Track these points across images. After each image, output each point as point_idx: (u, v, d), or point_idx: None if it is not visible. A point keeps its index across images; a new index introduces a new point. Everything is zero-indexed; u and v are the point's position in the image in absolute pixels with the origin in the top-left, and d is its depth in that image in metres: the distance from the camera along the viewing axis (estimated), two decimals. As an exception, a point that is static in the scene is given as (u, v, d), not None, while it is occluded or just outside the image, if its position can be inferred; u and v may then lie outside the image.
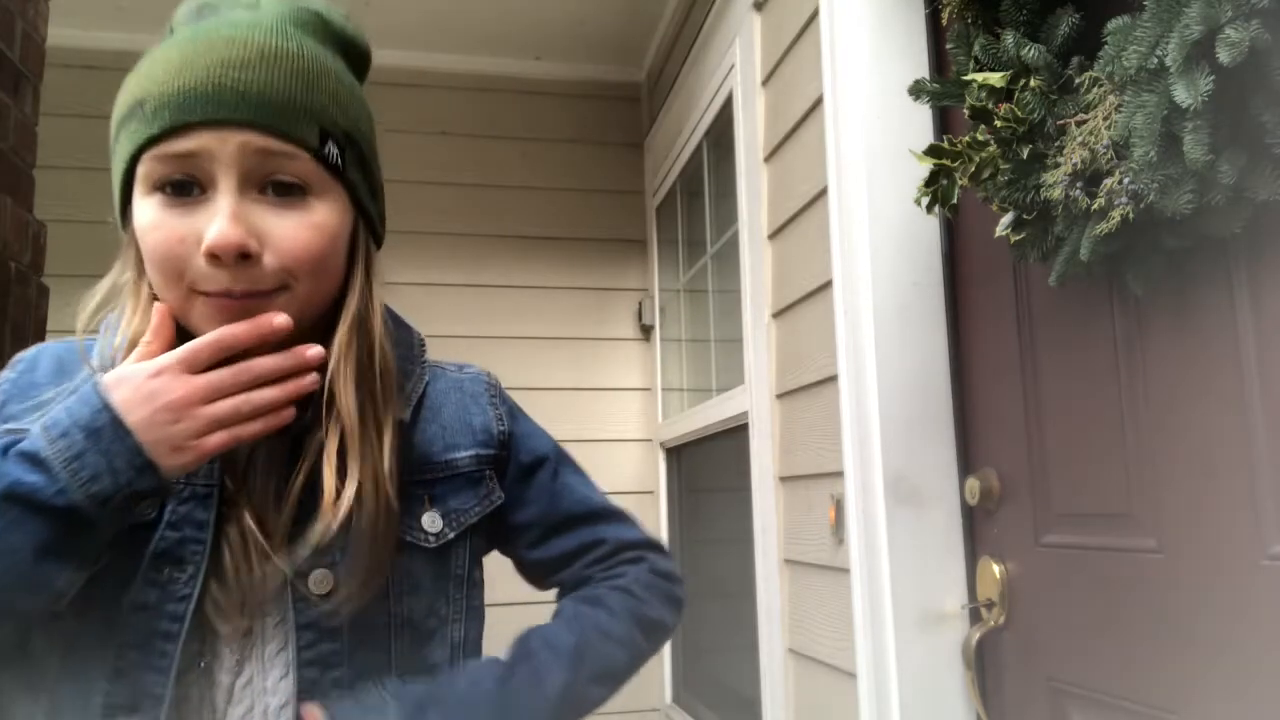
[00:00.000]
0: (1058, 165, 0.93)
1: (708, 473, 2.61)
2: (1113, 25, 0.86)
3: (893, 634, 1.34)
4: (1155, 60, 0.80)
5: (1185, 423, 0.97)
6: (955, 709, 1.33)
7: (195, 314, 0.71)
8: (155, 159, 0.69)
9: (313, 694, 0.73)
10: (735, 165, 2.10)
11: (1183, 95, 0.77)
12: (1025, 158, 0.98)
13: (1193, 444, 0.96)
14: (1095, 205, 0.88)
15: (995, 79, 1.02)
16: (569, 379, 2.88)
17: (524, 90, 3.03)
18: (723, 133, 2.29)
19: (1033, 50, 0.98)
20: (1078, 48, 0.98)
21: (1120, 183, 0.85)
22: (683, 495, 2.82)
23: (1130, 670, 1.04)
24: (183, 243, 0.69)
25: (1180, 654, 0.97)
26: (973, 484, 1.32)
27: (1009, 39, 1.01)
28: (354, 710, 0.72)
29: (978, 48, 1.05)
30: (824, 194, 1.57)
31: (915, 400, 1.39)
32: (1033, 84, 0.98)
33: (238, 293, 0.69)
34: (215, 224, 0.68)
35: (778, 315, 1.85)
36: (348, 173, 0.74)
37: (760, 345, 1.91)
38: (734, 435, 2.15)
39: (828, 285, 1.55)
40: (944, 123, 1.42)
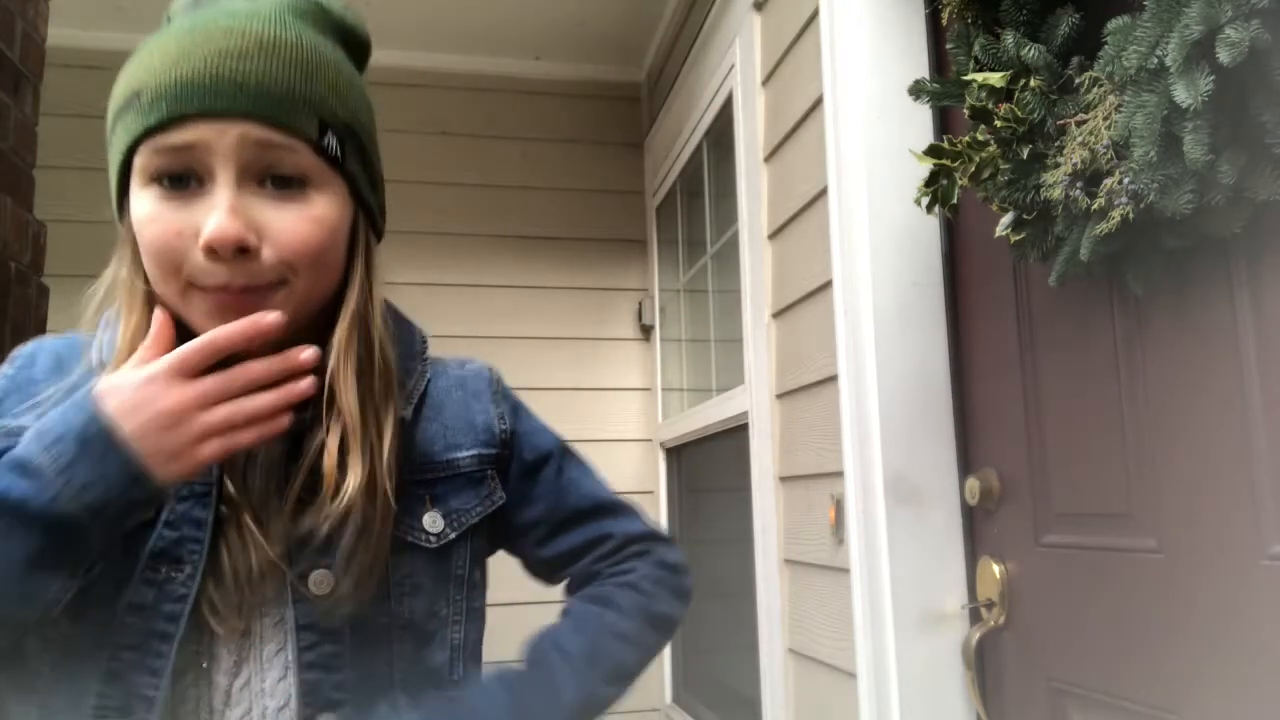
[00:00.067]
0: (1058, 165, 0.93)
1: (708, 473, 2.61)
2: (1113, 25, 0.86)
3: (893, 634, 1.34)
4: (1155, 60, 0.80)
5: (1185, 423, 0.97)
6: (955, 709, 1.33)
7: (193, 309, 0.70)
8: (152, 151, 0.68)
9: (314, 697, 0.73)
10: (735, 165, 2.10)
11: (1183, 95, 0.77)
12: (1025, 158, 0.98)
13: (1193, 444, 0.96)
14: (1095, 205, 0.88)
15: (995, 79, 1.02)
16: (569, 379, 2.88)
17: (524, 90, 3.03)
18: (723, 133, 2.29)
19: (1033, 50, 0.98)
20: (1078, 48, 0.98)
21: (1120, 183, 0.85)
22: (683, 495, 2.82)
23: (1130, 670, 1.04)
24: (180, 236, 0.68)
25: (1180, 654, 0.97)
26: (973, 484, 1.32)
27: (1009, 39, 1.01)
28: None
29: (978, 48, 1.05)
30: (824, 194, 1.57)
31: (915, 400, 1.39)
32: (1033, 84, 0.98)
33: (236, 287, 0.68)
34: (213, 217, 0.67)
35: (778, 315, 1.85)
36: (347, 164, 0.73)
37: (760, 345, 1.91)
38: (734, 435, 2.15)
39: (828, 285, 1.55)
40: (944, 123, 1.42)
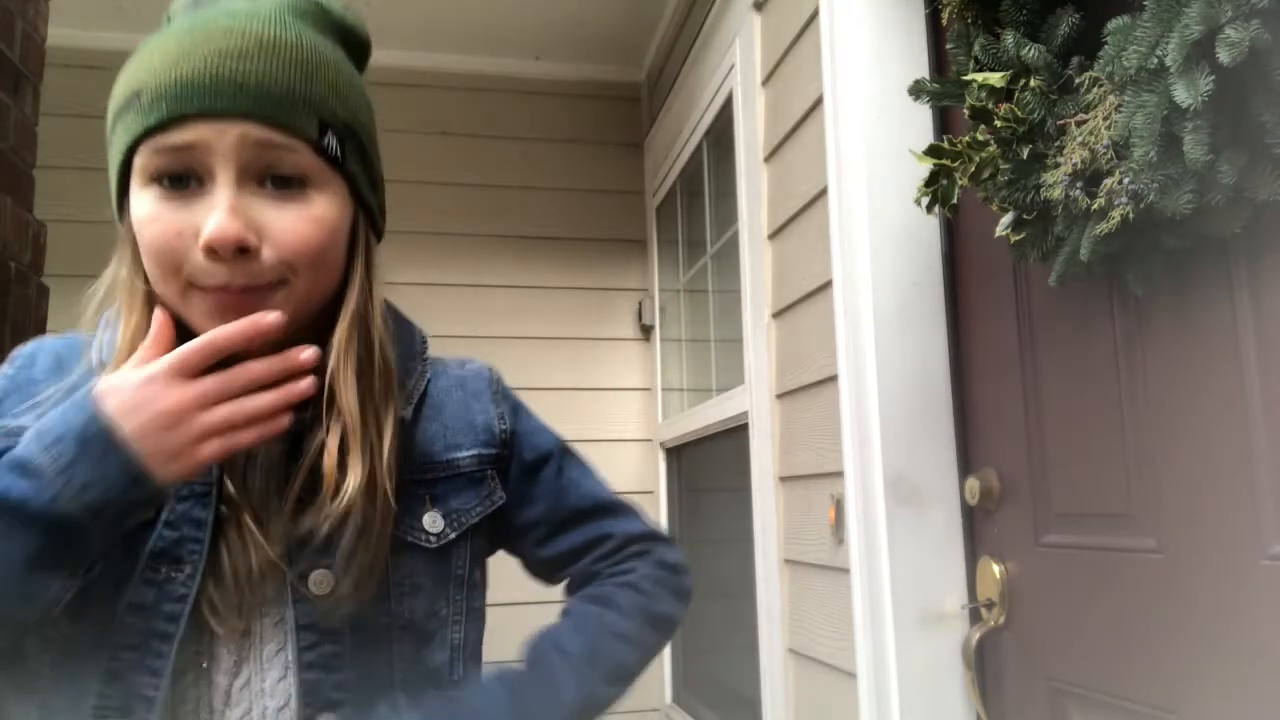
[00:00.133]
0: (1058, 165, 0.93)
1: (708, 473, 2.61)
2: (1113, 25, 0.86)
3: (893, 634, 1.34)
4: (1155, 60, 0.80)
5: (1185, 423, 0.97)
6: (955, 709, 1.33)
7: (193, 309, 0.70)
8: (152, 151, 0.68)
9: (314, 697, 0.73)
10: (735, 165, 2.10)
11: (1183, 95, 0.77)
12: (1025, 158, 0.98)
13: (1193, 444, 0.96)
14: (1095, 205, 0.88)
15: (995, 79, 1.02)
16: (569, 379, 2.88)
17: (524, 90, 3.03)
18: (723, 133, 2.29)
19: (1033, 50, 0.98)
20: (1078, 48, 0.98)
21: (1120, 183, 0.85)
22: (683, 495, 2.82)
23: (1130, 670, 1.04)
24: (180, 236, 0.68)
25: (1180, 654, 0.97)
26: (973, 484, 1.32)
27: (1009, 39, 1.01)
28: None
29: (978, 48, 1.05)
30: (824, 194, 1.57)
31: (915, 400, 1.39)
32: (1033, 84, 0.98)
33: (236, 287, 0.68)
34: (213, 218, 0.67)
35: (778, 315, 1.85)
36: (347, 164, 0.73)
37: (760, 345, 1.91)
38: (734, 435, 2.15)
39: (828, 285, 1.55)
40: (944, 123, 1.42)
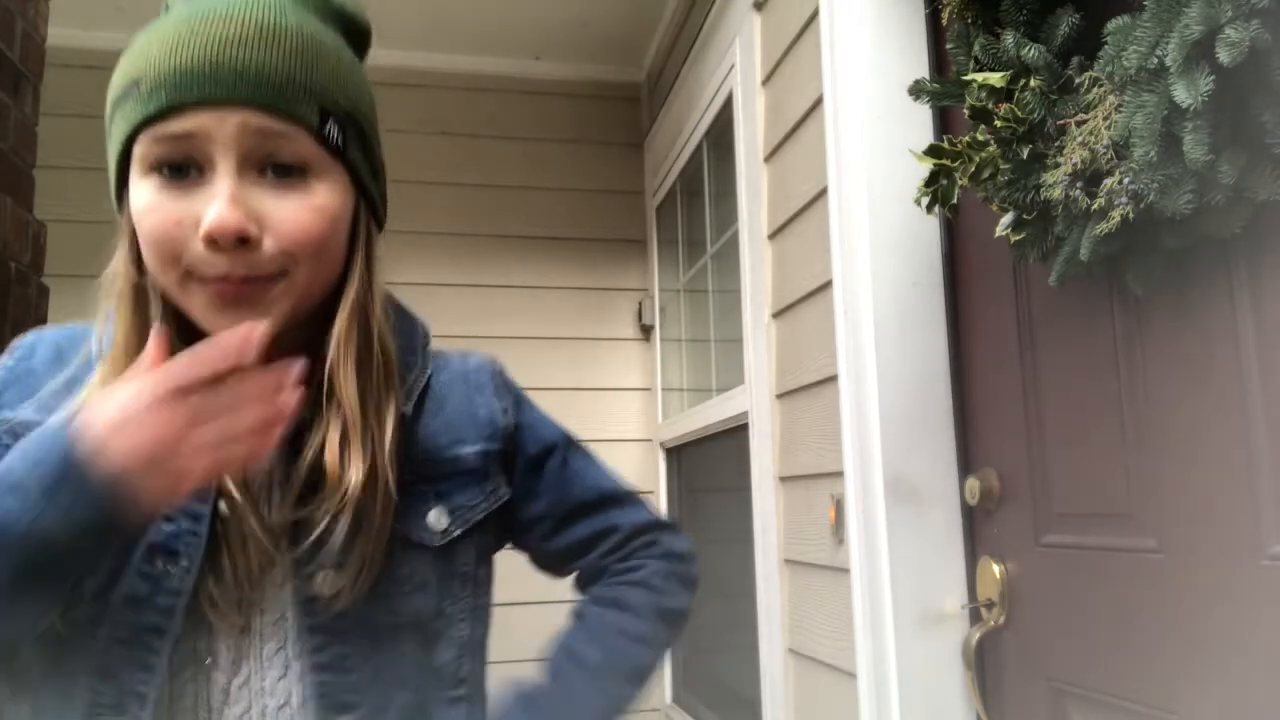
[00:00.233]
0: (1058, 165, 0.93)
1: (708, 473, 2.61)
2: (1113, 25, 0.86)
3: (893, 634, 1.34)
4: (1155, 60, 0.80)
5: (1186, 423, 0.97)
6: (955, 709, 1.33)
7: (192, 299, 0.69)
8: (152, 140, 0.67)
9: (329, 700, 0.72)
10: (735, 165, 2.10)
11: (1183, 95, 0.77)
12: (1025, 158, 0.98)
13: (1193, 444, 0.96)
14: (1095, 205, 0.88)
15: (995, 79, 1.02)
16: (569, 379, 2.88)
17: (524, 90, 3.03)
18: (723, 133, 2.29)
19: (1033, 50, 0.98)
20: (1078, 48, 0.98)
21: (1120, 183, 0.85)
22: (683, 495, 2.82)
23: (1130, 670, 1.04)
24: (179, 226, 0.67)
25: (1180, 654, 0.97)
26: (973, 484, 1.31)
27: (1009, 39, 1.01)
28: None
29: (978, 48, 1.05)
30: (824, 194, 1.57)
31: (915, 400, 1.39)
32: (1033, 84, 0.98)
33: (236, 278, 0.68)
34: (214, 207, 0.66)
35: (778, 315, 1.85)
36: (349, 153, 0.73)
37: (760, 345, 1.91)
38: (734, 435, 2.15)
39: (828, 285, 1.55)
40: (944, 123, 1.42)
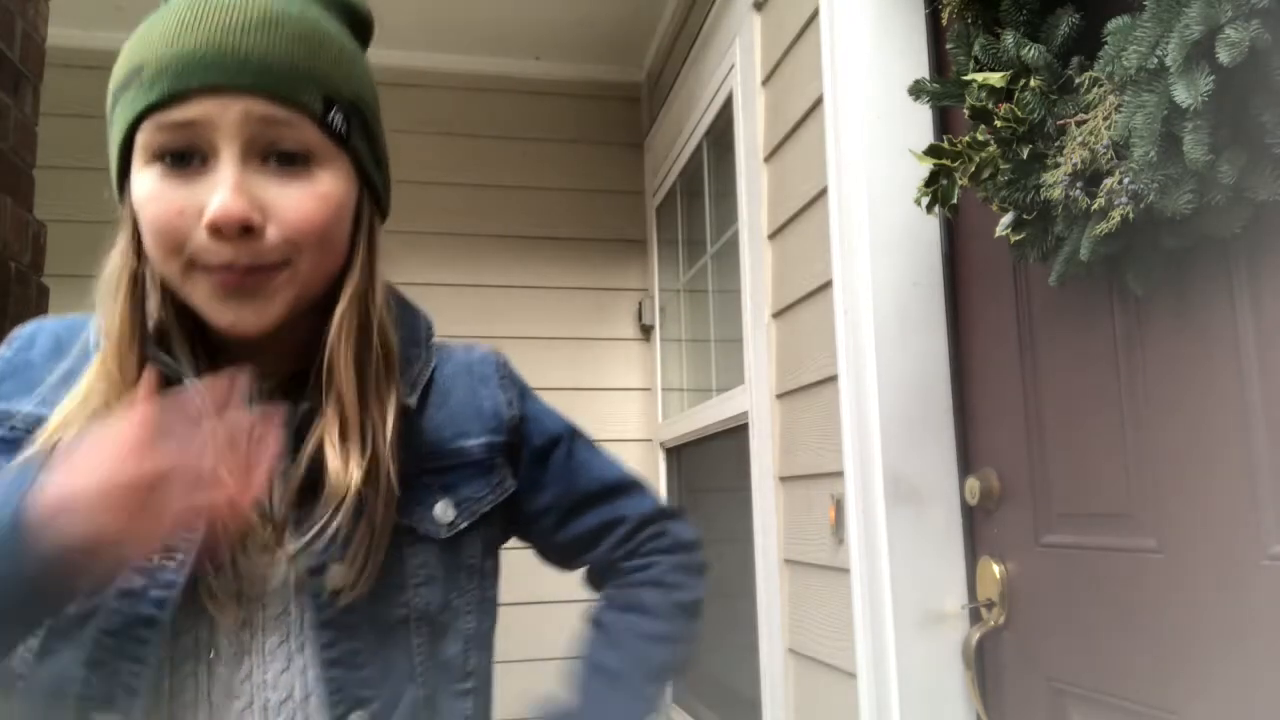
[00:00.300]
0: (1058, 165, 0.93)
1: (708, 473, 2.61)
2: (1113, 25, 0.86)
3: (893, 634, 1.34)
4: (1155, 60, 0.80)
5: (1185, 423, 0.97)
6: (955, 709, 1.33)
7: (195, 288, 0.69)
8: (154, 128, 0.67)
9: (342, 695, 0.72)
10: (735, 165, 2.10)
11: (1183, 95, 0.77)
12: (1025, 158, 0.98)
13: (1193, 444, 0.96)
14: (1095, 205, 0.88)
15: (995, 79, 1.02)
16: (569, 379, 2.88)
17: (524, 90, 3.03)
18: (723, 133, 2.29)
19: (1033, 50, 0.98)
20: (1078, 48, 0.98)
21: (1120, 183, 0.85)
22: (683, 495, 2.82)
23: (1130, 670, 1.04)
24: (182, 215, 0.67)
25: (1180, 654, 0.97)
26: (973, 484, 1.31)
27: (1009, 39, 1.01)
28: None
29: (978, 48, 1.05)
30: (824, 194, 1.57)
31: (915, 400, 1.39)
32: (1033, 84, 0.98)
33: (240, 267, 0.67)
34: (217, 195, 0.66)
35: (778, 315, 1.85)
36: (352, 141, 0.73)
37: (760, 345, 1.91)
38: (734, 435, 2.15)
39: (828, 285, 1.55)
40: (944, 123, 1.42)
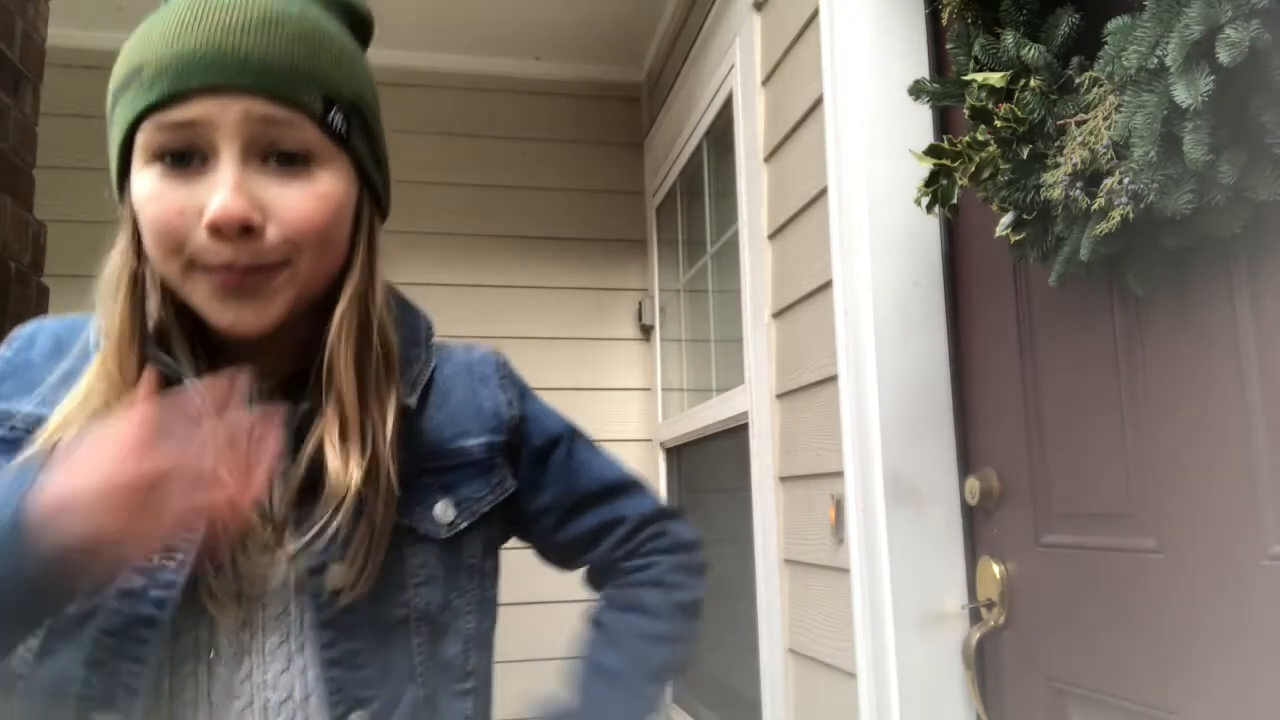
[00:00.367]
0: (1058, 165, 0.93)
1: (708, 473, 2.61)
2: (1113, 25, 0.86)
3: (893, 634, 1.34)
4: (1155, 60, 0.80)
5: (1185, 423, 0.97)
6: (955, 709, 1.33)
7: (195, 288, 0.69)
8: (155, 128, 0.67)
9: (342, 695, 0.72)
10: (735, 165, 2.10)
11: (1183, 95, 0.77)
12: (1025, 158, 0.98)
13: (1193, 444, 0.96)
14: (1095, 205, 0.88)
15: (995, 79, 1.02)
16: (569, 379, 2.88)
17: (524, 90, 3.03)
18: (723, 133, 2.29)
19: (1033, 50, 0.98)
20: (1078, 48, 0.98)
21: (1120, 183, 0.85)
22: (683, 495, 2.82)
23: (1130, 670, 1.04)
24: (182, 215, 0.67)
25: (1180, 654, 0.97)
26: (973, 484, 1.31)
27: (1009, 39, 1.01)
28: None
29: (978, 48, 1.05)
30: (824, 194, 1.57)
31: (915, 400, 1.39)
32: (1033, 84, 0.98)
33: (240, 267, 0.67)
34: (218, 195, 0.66)
35: (778, 315, 1.85)
36: (352, 141, 0.73)
37: (760, 345, 1.91)
38: (734, 435, 2.15)
39: (828, 285, 1.55)
40: (944, 123, 1.42)
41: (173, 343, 0.73)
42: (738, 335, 2.10)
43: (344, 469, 0.71)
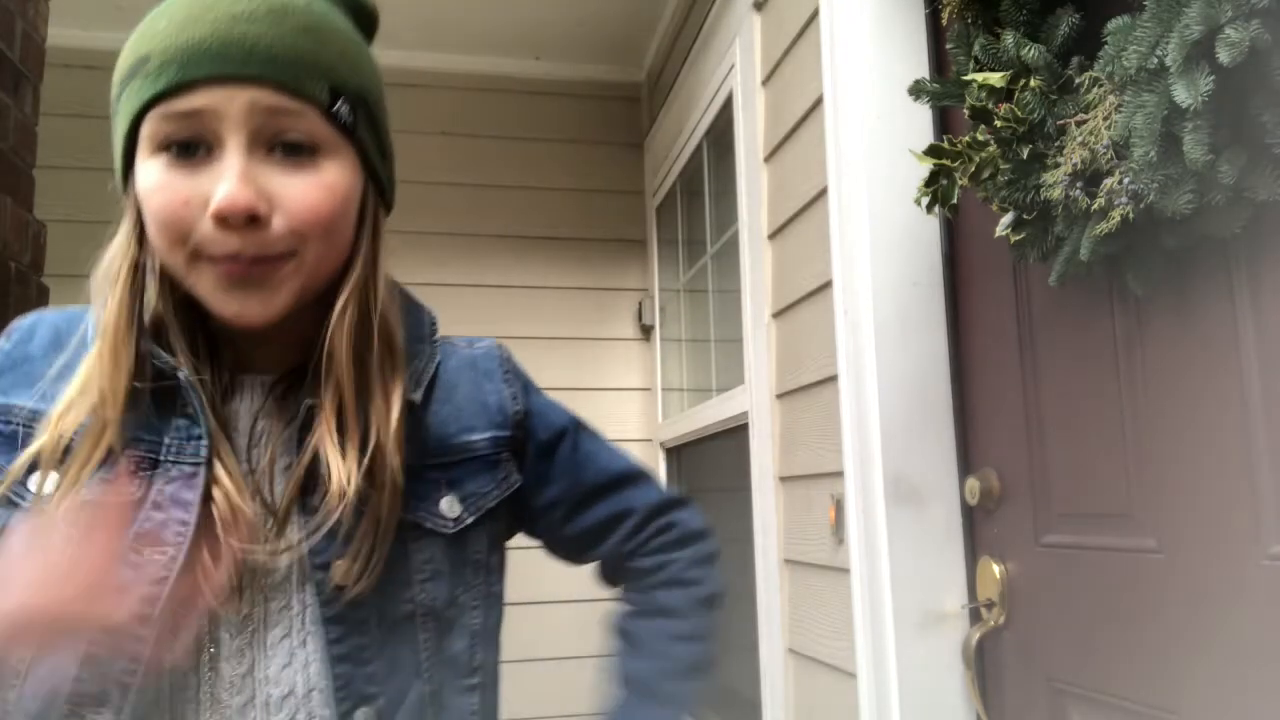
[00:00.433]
0: (1058, 165, 0.93)
1: (708, 473, 2.61)
2: (1113, 25, 0.86)
3: (893, 634, 1.34)
4: (1155, 60, 0.80)
5: (1185, 422, 0.97)
6: (955, 709, 1.33)
7: (201, 279, 0.69)
8: (160, 118, 0.67)
9: (348, 691, 0.72)
10: (735, 165, 2.10)
11: (1183, 95, 0.77)
12: (1025, 158, 0.98)
13: (1193, 444, 0.96)
14: (1095, 205, 0.88)
15: (995, 79, 1.02)
16: (569, 379, 2.88)
17: (524, 90, 3.03)
18: (723, 133, 2.29)
19: (1033, 50, 0.98)
20: (1078, 48, 0.98)
21: (1120, 183, 0.85)
22: (683, 495, 2.82)
23: (1130, 670, 1.04)
24: (188, 205, 0.67)
25: (1180, 654, 0.97)
26: (973, 484, 1.31)
27: (1009, 39, 1.01)
28: None
29: (978, 48, 1.05)
30: (824, 194, 1.57)
31: (915, 400, 1.39)
32: (1033, 84, 0.98)
33: (246, 257, 0.67)
34: (223, 185, 0.66)
35: (778, 315, 1.85)
36: (358, 132, 0.72)
37: (760, 345, 1.91)
38: (734, 435, 2.15)
39: (828, 285, 1.55)
40: (944, 123, 1.42)
41: (169, 336, 0.73)
42: (738, 335, 2.10)
43: (342, 462, 0.71)
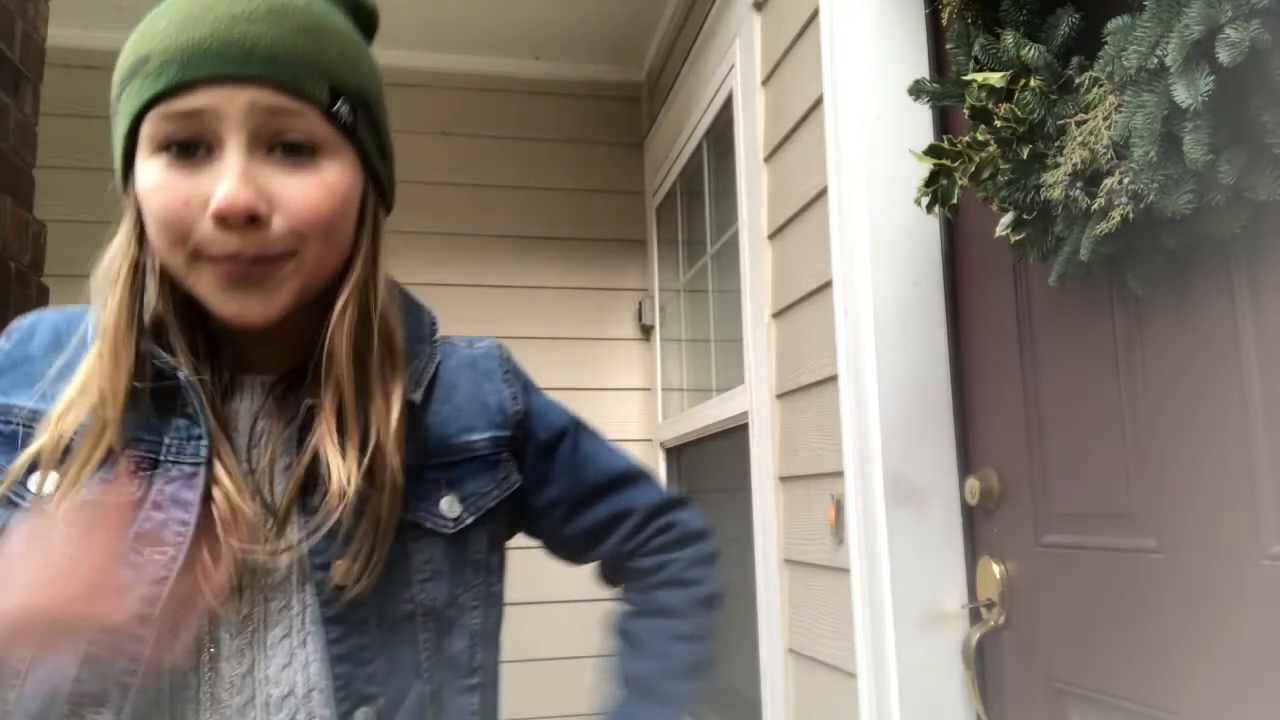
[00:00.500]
0: (1058, 165, 0.93)
1: (708, 473, 2.61)
2: (1113, 25, 0.86)
3: (893, 634, 1.34)
4: (1155, 60, 0.80)
5: (1185, 423, 0.97)
6: (955, 709, 1.33)
7: (201, 279, 0.69)
8: (160, 117, 0.67)
9: (348, 691, 0.72)
10: (735, 165, 2.10)
11: (1183, 95, 0.77)
12: (1025, 158, 0.98)
13: (1193, 444, 0.96)
14: (1095, 205, 0.88)
15: (995, 79, 1.02)
16: (569, 379, 2.88)
17: (524, 90, 3.03)
18: (723, 133, 2.29)
19: (1033, 50, 0.98)
20: (1078, 48, 0.98)
21: (1120, 183, 0.85)
22: (683, 495, 2.82)
23: (1130, 670, 1.04)
24: (188, 205, 0.67)
25: (1180, 654, 0.97)
26: (973, 484, 1.31)
27: (1009, 39, 1.01)
28: None
29: (978, 48, 1.05)
30: (824, 194, 1.57)
31: (915, 400, 1.39)
32: (1033, 84, 0.98)
33: (246, 257, 0.67)
34: (223, 185, 0.66)
35: (778, 315, 1.85)
36: (358, 132, 0.72)
37: (760, 345, 1.91)
38: (734, 435, 2.15)
39: (828, 285, 1.55)
40: (944, 123, 1.42)
41: (169, 336, 0.73)
42: (738, 335, 2.10)
43: (342, 462, 0.71)
